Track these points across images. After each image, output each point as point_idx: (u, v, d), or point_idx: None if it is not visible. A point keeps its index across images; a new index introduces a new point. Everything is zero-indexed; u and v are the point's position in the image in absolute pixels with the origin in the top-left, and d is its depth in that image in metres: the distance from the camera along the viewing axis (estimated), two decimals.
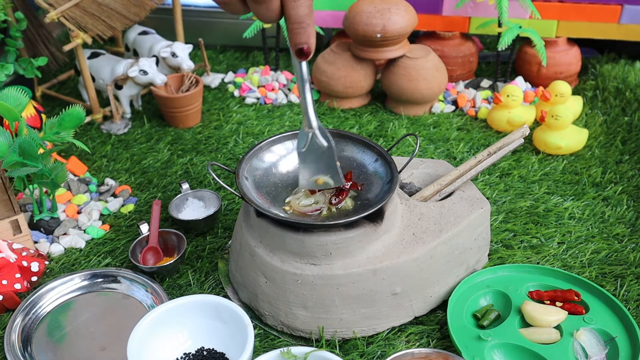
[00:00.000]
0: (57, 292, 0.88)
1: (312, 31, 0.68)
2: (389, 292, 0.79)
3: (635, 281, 0.89)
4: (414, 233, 0.81)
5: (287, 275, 0.78)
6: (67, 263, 0.95)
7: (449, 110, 1.28)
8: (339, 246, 0.76)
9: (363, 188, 0.83)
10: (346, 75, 1.26)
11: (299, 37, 0.70)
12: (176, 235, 0.94)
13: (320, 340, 0.80)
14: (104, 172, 1.14)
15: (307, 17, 0.68)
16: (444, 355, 0.71)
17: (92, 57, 1.26)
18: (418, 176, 0.93)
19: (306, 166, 0.74)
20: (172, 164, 1.15)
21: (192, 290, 0.90)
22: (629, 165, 1.11)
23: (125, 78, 1.22)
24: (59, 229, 0.99)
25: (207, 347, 0.79)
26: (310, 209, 0.79)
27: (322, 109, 1.30)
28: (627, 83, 1.32)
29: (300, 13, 0.68)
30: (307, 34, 0.68)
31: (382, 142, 1.19)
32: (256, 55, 1.52)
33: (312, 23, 0.69)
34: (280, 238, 0.77)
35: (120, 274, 0.90)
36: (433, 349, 0.72)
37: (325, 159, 0.72)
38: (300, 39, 0.69)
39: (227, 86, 1.40)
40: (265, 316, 0.82)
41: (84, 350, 0.81)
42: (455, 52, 1.34)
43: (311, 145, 0.71)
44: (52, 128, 0.93)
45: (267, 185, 0.84)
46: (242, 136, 1.22)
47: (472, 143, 1.18)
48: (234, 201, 1.06)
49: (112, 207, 1.05)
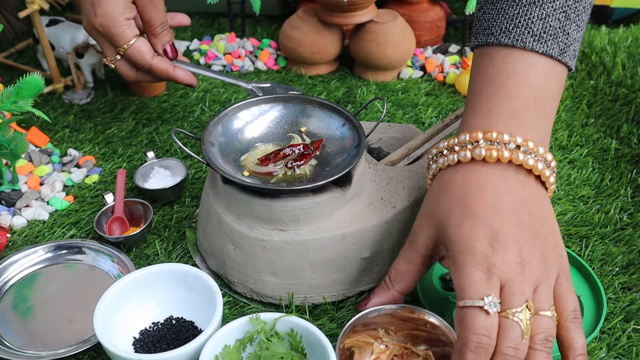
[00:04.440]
0: (20, 264, 0.87)
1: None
2: (358, 257, 0.79)
3: (599, 241, 0.90)
4: (382, 197, 0.81)
5: (255, 241, 0.77)
6: (30, 235, 0.93)
7: (417, 76, 1.28)
8: (307, 211, 0.76)
9: (330, 152, 0.82)
10: (313, 41, 1.24)
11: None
12: (142, 204, 0.93)
13: (290, 306, 0.80)
14: (66, 143, 1.11)
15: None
16: (409, 309, 0.71)
17: (51, 24, 1.22)
18: (386, 141, 0.92)
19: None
20: (137, 133, 1.13)
21: (159, 259, 0.89)
22: (594, 128, 1.12)
23: (86, 46, 1.19)
24: (20, 201, 0.97)
25: (175, 315, 0.78)
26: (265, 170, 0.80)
27: (290, 75, 1.28)
28: (593, 47, 1.33)
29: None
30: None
31: (350, 108, 1.18)
32: (222, 22, 1.50)
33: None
34: (247, 204, 0.77)
35: (85, 245, 0.89)
36: (398, 305, 0.72)
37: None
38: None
39: (192, 54, 1.37)
40: (234, 284, 0.82)
41: (50, 322, 0.80)
42: (423, 17, 1.33)
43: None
44: (9, 97, 0.90)
45: (234, 152, 0.83)
46: (208, 104, 1.20)
47: (441, 108, 1.18)
48: (201, 169, 1.04)
49: (76, 178, 1.02)
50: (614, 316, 0.79)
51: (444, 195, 0.68)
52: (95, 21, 0.92)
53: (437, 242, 0.68)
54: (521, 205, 0.65)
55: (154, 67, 0.96)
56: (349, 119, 0.84)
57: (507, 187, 0.65)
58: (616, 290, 0.83)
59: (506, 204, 0.64)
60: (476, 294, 0.60)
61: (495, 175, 0.66)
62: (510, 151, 0.65)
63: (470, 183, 0.66)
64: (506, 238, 0.62)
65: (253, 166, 0.81)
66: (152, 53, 0.96)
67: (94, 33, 0.95)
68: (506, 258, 0.62)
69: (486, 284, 0.61)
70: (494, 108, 0.68)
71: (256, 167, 0.81)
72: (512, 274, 0.61)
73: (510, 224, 0.63)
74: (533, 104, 0.68)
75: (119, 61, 0.97)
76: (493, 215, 0.63)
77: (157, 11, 0.95)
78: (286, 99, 0.88)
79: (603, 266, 0.87)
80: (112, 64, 0.97)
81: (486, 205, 0.64)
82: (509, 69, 0.68)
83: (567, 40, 0.69)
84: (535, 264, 0.63)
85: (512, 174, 0.66)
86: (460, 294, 0.62)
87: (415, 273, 0.70)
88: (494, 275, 0.61)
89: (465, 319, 0.60)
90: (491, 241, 0.62)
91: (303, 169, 0.80)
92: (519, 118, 0.67)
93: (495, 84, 0.69)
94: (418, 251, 0.69)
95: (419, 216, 0.71)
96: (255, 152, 0.83)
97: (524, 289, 0.61)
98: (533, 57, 0.68)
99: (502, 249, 0.62)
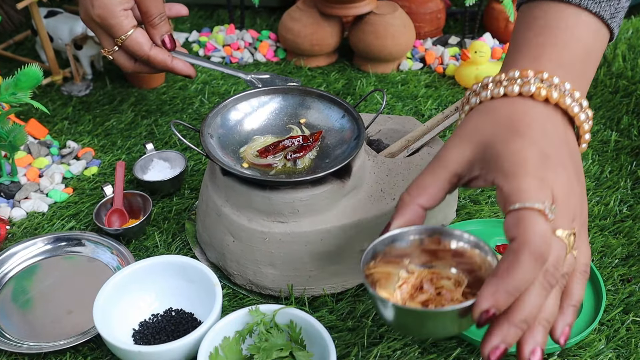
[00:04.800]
0: (20, 256, 0.87)
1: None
2: (357, 249, 0.79)
3: (598, 233, 0.90)
4: (382, 189, 0.81)
5: (255, 233, 0.77)
6: (29, 227, 0.93)
7: (417, 68, 1.28)
8: (306, 203, 0.76)
9: (329, 144, 0.82)
10: (313, 32, 1.24)
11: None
12: (141, 196, 0.93)
13: (290, 298, 0.80)
14: (65, 135, 1.11)
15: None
16: (436, 238, 0.64)
17: (49, 15, 1.21)
18: (386, 133, 0.92)
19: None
20: (136, 125, 1.13)
21: (159, 251, 0.89)
22: (594, 120, 1.12)
23: (84, 37, 1.18)
24: (19, 193, 0.97)
25: (175, 307, 0.78)
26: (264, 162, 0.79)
27: (289, 67, 1.28)
28: None
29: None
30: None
31: (350, 100, 1.18)
32: (221, 13, 1.49)
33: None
34: (247, 196, 0.77)
35: (84, 237, 0.89)
36: (422, 228, 0.65)
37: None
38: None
39: (191, 45, 1.37)
40: (233, 275, 0.82)
41: (50, 314, 0.80)
42: (422, 8, 1.33)
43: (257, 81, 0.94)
44: (7, 89, 0.90)
45: (233, 144, 0.83)
46: (207, 96, 1.19)
47: (440, 100, 1.18)
48: (200, 161, 1.04)
49: (75, 170, 1.02)
50: (613, 308, 0.80)
51: (487, 120, 0.64)
52: (93, 12, 0.91)
53: (472, 160, 0.63)
54: (565, 143, 0.63)
55: (151, 57, 0.96)
56: (349, 110, 0.84)
57: (553, 125, 0.64)
58: (615, 282, 0.83)
59: (554, 136, 0.63)
60: (534, 197, 0.56)
61: (543, 112, 0.64)
62: (559, 94, 0.64)
63: (516, 112, 0.64)
64: (556, 161, 0.60)
65: (252, 158, 0.81)
66: (150, 44, 0.95)
67: (92, 24, 0.94)
68: (558, 176, 0.59)
69: (542, 191, 0.57)
70: (543, 55, 0.67)
71: (255, 158, 0.81)
72: (562, 194, 0.58)
73: (559, 152, 0.61)
74: (580, 61, 0.67)
75: (116, 52, 0.96)
76: (542, 139, 0.61)
77: (155, 2, 0.94)
78: (285, 90, 0.87)
79: (602, 258, 0.87)
80: (109, 55, 0.97)
81: (535, 130, 0.62)
82: (561, 22, 0.68)
83: (617, 6, 0.69)
84: (577, 197, 0.61)
85: (557, 116, 0.65)
86: (513, 199, 0.57)
87: (441, 188, 0.64)
88: (547, 186, 0.57)
89: (524, 220, 0.55)
90: (542, 159, 0.60)
91: (302, 161, 0.80)
92: (567, 70, 0.66)
93: (546, 33, 0.68)
94: (447, 167, 0.64)
95: (448, 140, 0.66)
96: (254, 144, 0.83)
97: (571, 214, 0.59)
98: (585, 15, 0.68)
99: (554, 168, 0.59)
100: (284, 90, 0.87)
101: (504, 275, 0.55)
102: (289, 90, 0.87)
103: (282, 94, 0.87)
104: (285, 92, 0.87)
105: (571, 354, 0.75)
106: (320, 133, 0.83)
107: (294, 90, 0.87)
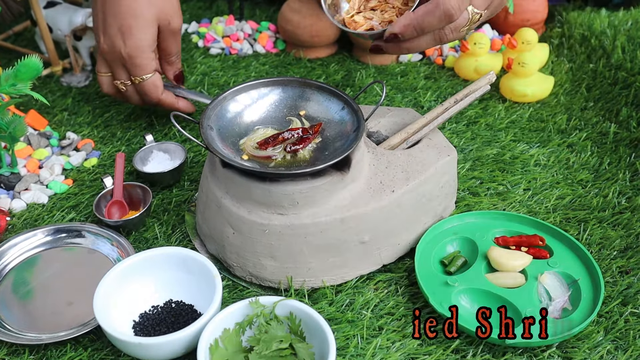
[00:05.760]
0: (20, 248, 0.87)
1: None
2: (357, 241, 0.80)
3: (597, 225, 0.90)
4: (381, 181, 0.81)
5: (254, 225, 0.77)
6: (29, 219, 0.93)
7: (417, 59, 1.27)
8: (306, 195, 0.76)
9: (329, 136, 0.82)
10: (312, 23, 1.23)
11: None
12: (141, 188, 0.93)
13: (289, 290, 0.81)
14: (65, 126, 1.11)
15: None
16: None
17: (49, 6, 1.21)
18: (385, 124, 0.92)
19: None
20: (136, 116, 1.13)
21: (159, 243, 0.89)
22: (593, 112, 1.12)
23: (84, 28, 1.18)
24: (19, 184, 0.97)
25: (175, 299, 0.79)
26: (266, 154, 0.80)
27: (289, 59, 1.28)
28: (593, 30, 1.32)
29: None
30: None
31: (349, 91, 1.18)
32: (220, 4, 1.48)
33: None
34: (246, 188, 0.77)
35: (84, 228, 0.89)
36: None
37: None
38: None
39: (190, 36, 1.36)
40: (233, 267, 0.82)
41: (50, 305, 0.80)
42: None
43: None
44: (7, 80, 0.89)
45: (232, 136, 0.83)
46: (207, 87, 1.19)
47: (440, 92, 1.18)
48: (200, 153, 1.04)
49: (75, 161, 1.02)
50: (611, 300, 0.80)
51: None
52: (123, 50, 0.94)
53: None
54: None
55: (162, 100, 1.01)
56: (348, 102, 0.84)
57: None
58: (614, 274, 0.83)
59: None
60: None
61: None
62: None
63: None
64: None
65: (252, 150, 0.81)
66: (162, 88, 1.00)
67: (113, 57, 0.96)
68: None
69: None
70: None
71: (255, 150, 0.81)
72: None
73: None
74: None
75: (129, 86, 1.00)
76: None
77: (175, 42, 1.00)
78: (285, 82, 0.87)
79: (601, 250, 0.87)
80: (123, 87, 1.00)
81: None
82: None
83: None
84: None
85: None
86: None
87: None
88: None
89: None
90: None
91: (302, 153, 0.80)
92: None
93: None
94: None
95: None
96: (254, 136, 0.83)
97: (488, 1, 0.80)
98: None
99: None
100: (283, 82, 0.87)
101: (418, 17, 0.76)
102: (289, 82, 0.87)
103: (282, 85, 0.87)
104: (285, 84, 0.87)
105: (570, 345, 0.75)
106: (319, 125, 0.83)
107: (294, 82, 0.87)
